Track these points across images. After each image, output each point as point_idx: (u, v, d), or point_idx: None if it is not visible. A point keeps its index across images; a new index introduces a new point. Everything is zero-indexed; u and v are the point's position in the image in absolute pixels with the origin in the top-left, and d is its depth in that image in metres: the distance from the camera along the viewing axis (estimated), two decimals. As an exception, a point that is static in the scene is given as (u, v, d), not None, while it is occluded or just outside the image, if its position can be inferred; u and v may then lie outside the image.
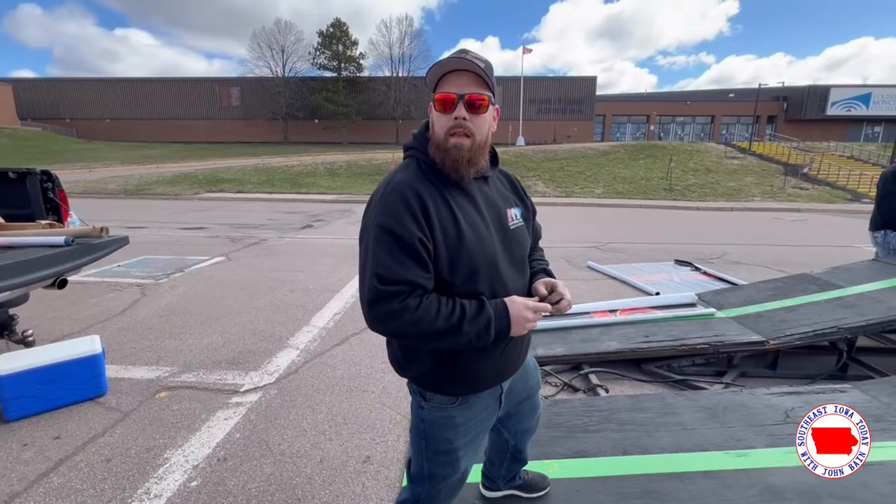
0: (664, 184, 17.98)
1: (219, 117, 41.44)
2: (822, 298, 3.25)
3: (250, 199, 14.48)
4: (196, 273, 5.23)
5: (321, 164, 20.77)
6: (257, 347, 3.18)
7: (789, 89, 38.19)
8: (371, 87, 39.94)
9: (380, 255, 0.94)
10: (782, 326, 2.94)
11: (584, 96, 39.52)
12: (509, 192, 1.18)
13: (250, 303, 4.15)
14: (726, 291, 3.94)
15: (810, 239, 8.83)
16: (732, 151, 24.07)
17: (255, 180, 17.65)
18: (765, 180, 19.04)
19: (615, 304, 3.68)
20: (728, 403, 2.23)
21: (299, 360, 3.00)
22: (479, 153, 1.03)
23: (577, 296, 4.52)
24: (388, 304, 0.92)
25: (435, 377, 1.07)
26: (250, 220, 9.88)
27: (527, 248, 1.16)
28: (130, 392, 2.56)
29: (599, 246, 7.52)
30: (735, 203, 15.40)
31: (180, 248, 6.65)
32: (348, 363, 2.98)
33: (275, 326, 3.58)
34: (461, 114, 0.98)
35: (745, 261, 6.46)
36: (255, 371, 2.83)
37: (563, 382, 2.74)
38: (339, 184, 17.62)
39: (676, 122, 41.68)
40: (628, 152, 23.10)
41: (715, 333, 2.98)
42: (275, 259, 6.02)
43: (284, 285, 4.74)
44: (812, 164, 21.19)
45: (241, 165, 20.73)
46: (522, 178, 18.46)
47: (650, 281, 5.05)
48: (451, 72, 0.99)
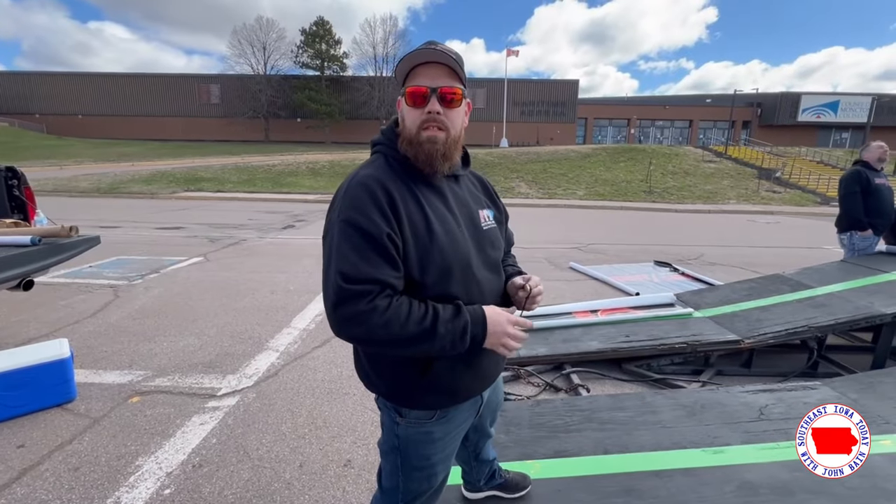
0: (644, 186, 18.33)
1: (198, 115, 40.54)
2: (794, 298, 3.34)
3: (230, 198, 14.22)
4: (172, 274, 5.10)
5: (303, 164, 20.52)
6: (236, 350, 3.11)
7: (763, 96, 39.47)
8: (355, 87, 39.65)
9: (345, 251, 0.88)
10: (756, 326, 3.02)
11: (566, 99, 40.03)
12: (481, 193, 1.15)
13: (229, 304, 4.06)
14: (703, 292, 4.03)
15: (782, 240, 9.11)
16: (709, 155, 24.71)
17: (236, 179, 17.33)
18: (740, 183, 19.60)
19: (596, 304, 3.72)
20: (705, 401, 2.27)
21: (279, 363, 2.95)
22: (454, 148, 1.00)
23: (560, 296, 4.55)
24: (354, 305, 0.85)
25: (410, 391, 1.01)
26: (230, 219, 9.70)
27: (501, 250, 1.12)
28: (101, 397, 2.47)
29: (581, 247, 7.61)
30: (712, 205, 15.80)
31: (156, 248, 6.48)
32: (329, 365, 2.94)
33: (254, 328, 3.51)
34: (434, 108, 0.94)
35: (721, 262, 6.63)
36: (233, 374, 2.77)
37: (545, 383, 2.75)
38: (321, 183, 17.43)
39: (656, 125, 42.59)
40: (609, 155, 23.48)
41: (692, 333, 3.04)
42: (255, 259, 5.92)
43: (264, 286, 4.66)
44: (784, 168, 21.91)
45: (220, 164, 20.31)
46: (506, 179, 18.61)
47: (631, 281, 5.13)
48: (421, 64, 0.96)
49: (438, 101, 0.95)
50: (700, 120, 41.59)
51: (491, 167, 20.20)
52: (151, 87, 40.36)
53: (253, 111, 39.02)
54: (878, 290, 3.18)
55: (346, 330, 0.89)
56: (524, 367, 2.88)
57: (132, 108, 40.33)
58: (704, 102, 42.18)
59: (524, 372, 2.85)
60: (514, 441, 1.97)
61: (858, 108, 37.32)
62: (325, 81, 39.63)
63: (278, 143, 37.23)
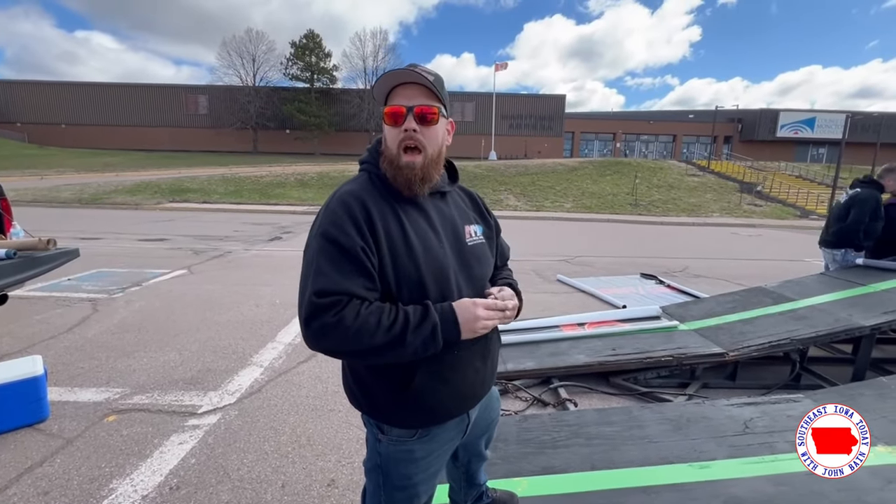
0: (630, 199, 18.63)
1: (185, 125, 40.25)
2: (776, 311, 3.40)
3: (216, 209, 14.08)
4: (154, 287, 5.01)
5: (292, 175, 20.44)
6: (218, 366, 3.05)
7: (743, 112, 40.63)
8: (344, 99, 39.83)
9: (320, 264, 0.90)
10: (740, 338, 3.06)
11: (554, 113, 40.72)
12: (469, 209, 1.16)
13: (212, 318, 4.00)
14: (689, 304, 4.08)
15: (764, 253, 9.30)
16: (693, 169, 25.27)
17: (222, 190, 17.19)
18: (723, 197, 20.04)
19: (584, 317, 3.74)
20: (691, 415, 2.28)
21: (263, 379, 2.89)
22: (433, 168, 1.01)
23: (547, 309, 4.57)
24: (322, 318, 0.87)
25: (390, 407, 1.01)
26: (215, 231, 9.59)
27: (487, 266, 1.12)
28: (75, 416, 2.39)
29: (569, 259, 7.67)
30: (696, 218, 16.11)
31: (138, 260, 6.37)
32: (314, 381, 2.90)
33: (238, 343, 3.46)
34: (411, 126, 0.96)
35: (705, 274, 6.73)
36: (215, 391, 2.71)
37: (532, 397, 2.74)
38: (309, 195, 17.37)
39: (641, 140, 43.49)
40: (596, 168, 23.86)
41: (678, 346, 3.06)
42: (240, 272, 5.85)
43: (249, 300, 4.60)
44: (765, 182, 22.49)
45: (207, 175, 20.13)
46: (494, 192, 18.75)
47: (617, 294, 5.17)
48: (399, 85, 0.98)
49: (415, 120, 0.96)
50: (684, 135, 42.60)
51: (479, 180, 20.36)
52: (138, 96, 40.03)
53: (241, 122, 38.86)
54: (856, 302, 3.26)
55: (318, 343, 0.90)
56: (512, 382, 2.87)
57: (117, 118, 39.88)
58: (688, 118, 43.24)
59: (512, 386, 2.83)
60: (501, 458, 1.94)
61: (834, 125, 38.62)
62: (314, 93, 39.73)
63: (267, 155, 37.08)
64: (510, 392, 2.80)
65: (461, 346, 1.02)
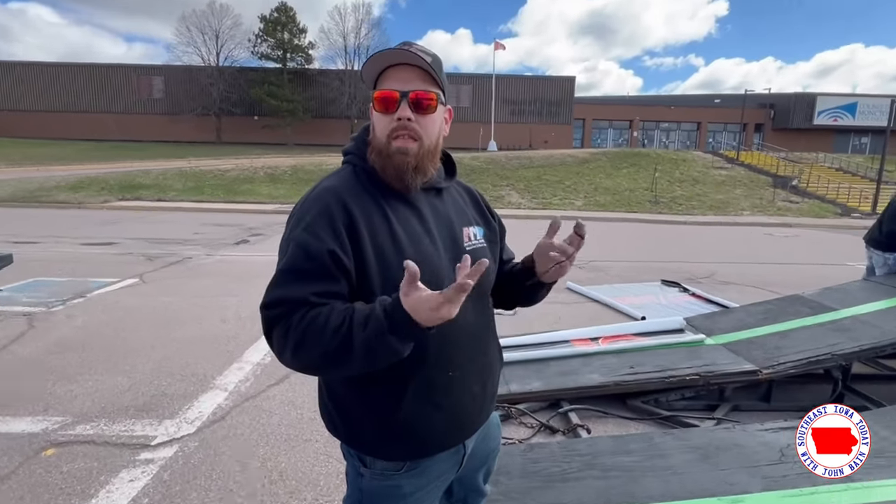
0: (649, 195, 18.78)
1: (137, 111, 40.00)
2: (815, 322, 3.44)
3: (173, 208, 14.02)
4: (101, 299, 4.98)
5: (261, 169, 20.38)
6: (175, 390, 3.04)
7: (776, 96, 41.15)
8: (322, 82, 39.80)
9: (282, 273, 0.92)
10: (775, 354, 3.09)
11: (562, 98, 40.97)
12: (470, 208, 1.16)
13: (168, 335, 3.98)
14: (716, 315, 4.11)
15: (801, 256, 9.40)
16: (720, 161, 25.53)
17: (181, 186, 17.12)
18: (754, 192, 20.25)
19: (597, 330, 3.76)
20: (720, 442, 2.29)
21: (227, 405, 2.88)
22: (428, 159, 1.01)
23: (556, 321, 4.58)
24: (275, 333, 0.89)
25: (375, 437, 1.00)
26: (173, 233, 9.56)
27: (489, 274, 1.12)
28: (6, 451, 2.35)
29: (580, 264, 7.69)
30: (724, 217, 16.26)
31: (82, 268, 6.31)
32: (287, 406, 2.89)
33: (198, 363, 3.44)
34: (405, 114, 0.96)
35: (734, 280, 6.79)
36: (172, 419, 2.69)
37: (539, 423, 2.74)
38: (281, 192, 17.32)
39: (661, 128, 43.86)
40: (610, 160, 24.03)
41: (705, 363, 3.08)
42: (201, 281, 5.84)
43: (212, 313, 4.59)
44: (801, 175, 22.77)
45: (163, 168, 20.02)
46: (494, 187, 18.81)
47: (635, 304, 5.21)
48: (392, 66, 0.98)
49: (410, 107, 0.96)
50: (709, 122, 43.02)
51: (477, 173, 20.43)
52: (82, 78, 39.73)
53: (202, 108, 38.68)
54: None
55: (281, 359, 0.91)
56: (515, 406, 2.87)
57: (59, 103, 39.53)
58: (713, 103, 43.68)
59: (515, 411, 2.84)
60: (502, 493, 1.94)
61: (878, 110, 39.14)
62: (287, 75, 39.65)
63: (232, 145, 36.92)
64: (513, 417, 2.80)
65: (455, 367, 1.01)
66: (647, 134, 43.74)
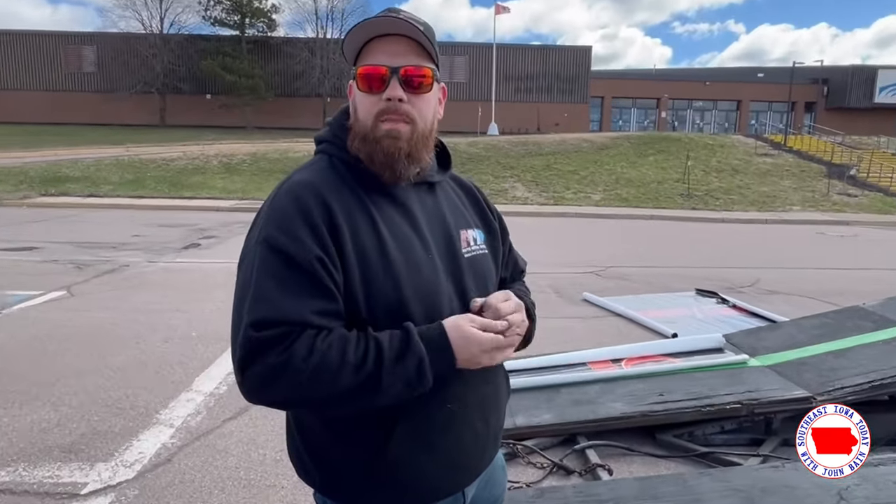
0: (680, 188, 18.91)
1: (64, 88, 39.78)
2: (879, 339, 3.47)
3: (108, 205, 13.97)
4: (19, 316, 4.96)
5: (214, 157, 20.33)
6: (110, 426, 3.02)
7: (829, 69, 41.60)
8: (288, 52, 39.81)
9: (261, 285, 0.89)
10: (831, 377, 3.11)
11: (576, 72, 41.26)
12: (467, 207, 1.17)
13: (102, 360, 3.96)
14: (761, 331, 4.14)
15: (861, 260, 9.50)
16: (764, 146, 25.78)
17: (116, 179, 17.06)
18: (804, 184, 20.46)
19: (619, 350, 3.77)
20: (767, 484, 2.31)
21: (174, 444, 2.87)
22: (422, 145, 1.01)
23: (571, 340, 4.59)
24: (264, 359, 0.85)
25: (356, 483, 0.99)
26: (107, 236, 9.52)
27: (491, 286, 1.12)
28: None
29: (598, 271, 7.73)
30: (769, 213, 16.41)
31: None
32: (247, 445, 2.87)
33: (138, 394, 3.43)
34: (396, 93, 0.96)
35: (782, 289, 6.85)
36: (106, 462, 2.67)
37: (551, 463, 2.74)
38: (239, 185, 17.29)
39: (694, 107, 44.27)
40: (634, 146, 24.20)
41: (748, 388, 3.10)
42: (142, 294, 5.82)
43: (155, 332, 4.57)
44: (860, 164, 23.02)
45: (95, 157, 19.91)
46: (496, 179, 18.88)
47: (665, 318, 5.23)
48: (378, 37, 0.98)
49: (401, 85, 0.96)
50: (751, 100, 43.48)
51: (476, 163, 20.49)
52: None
53: (143, 84, 38.54)
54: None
55: (260, 393, 0.89)
56: (522, 442, 2.87)
57: (-32, 79, 39.24)
58: (756, 78, 44.17)
59: (523, 449, 2.84)
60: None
61: (950, 86, 39.80)
62: (246, 44, 39.65)
63: (179, 128, 36.78)
64: (520, 456, 2.80)
65: (454, 398, 1.01)
66: (677, 115, 44.11)
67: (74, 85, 40.13)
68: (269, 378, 0.86)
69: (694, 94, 43.77)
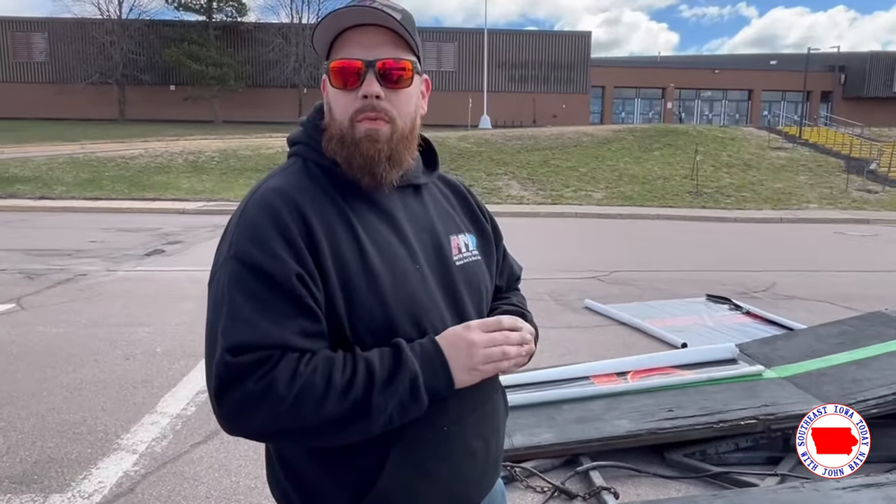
0: (689, 185, 19.07)
1: (12, 79, 39.44)
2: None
3: (62, 208, 13.86)
4: (-37, 332, 4.89)
5: (179, 155, 20.22)
6: (66, 453, 2.99)
7: (847, 56, 42.25)
8: (260, 39, 39.71)
9: (236, 306, 0.88)
10: (853, 389, 3.15)
11: (575, 60, 41.49)
12: (457, 210, 1.17)
13: (56, 379, 3.93)
14: (778, 340, 4.18)
15: (883, 261, 9.60)
16: (777, 139, 26.10)
17: (71, 179, 16.94)
18: (821, 180, 20.71)
19: (625, 362, 3.79)
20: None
21: (138, 472, 2.84)
22: (404, 146, 1.01)
23: (571, 352, 4.61)
24: (242, 386, 0.84)
25: None
26: (61, 242, 9.44)
27: (486, 295, 1.13)
28: None
29: (601, 276, 7.76)
30: (784, 212, 16.58)
31: (-63, 290, 6.20)
32: (219, 472, 2.86)
33: (97, 417, 3.40)
34: (372, 89, 0.95)
35: (800, 294, 6.92)
36: (62, 493, 2.65)
37: (552, 486, 2.75)
38: (207, 185, 17.21)
39: (702, 98, 44.69)
40: (638, 140, 24.38)
41: (764, 403, 3.13)
42: (100, 306, 5.78)
43: (115, 348, 4.54)
44: (881, 157, 23.33)
45: (47, 155, 19.74)
46: (489, 177, 18.93)
47: (673, 327, 5.26)
48: (351, 28, 0.97)
49: (378, 80, 0.96)
50: (763, 90, 43.95)
51: (466, 159, 20.54)
52: (-64, 36, 39.06)
53: (100, 74, 38.26)
54: None
55: (239, 424, 0.88)
56: (521, 465, 2.88)
57: None
58: (769, 65, 44.69)
59: (521, 471, 2.84)
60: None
61: (975, 73, 40.49)
62: (213, 30, 39.49)
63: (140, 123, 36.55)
64: (519, 480, 2.80)
65: (452, 417, 1.00)
66: (684, 105, 44.50)
67: (23, 76, 39.77)
68: (249, 406, 0.85)
69: (702, 84, 44.15)
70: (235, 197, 15.76)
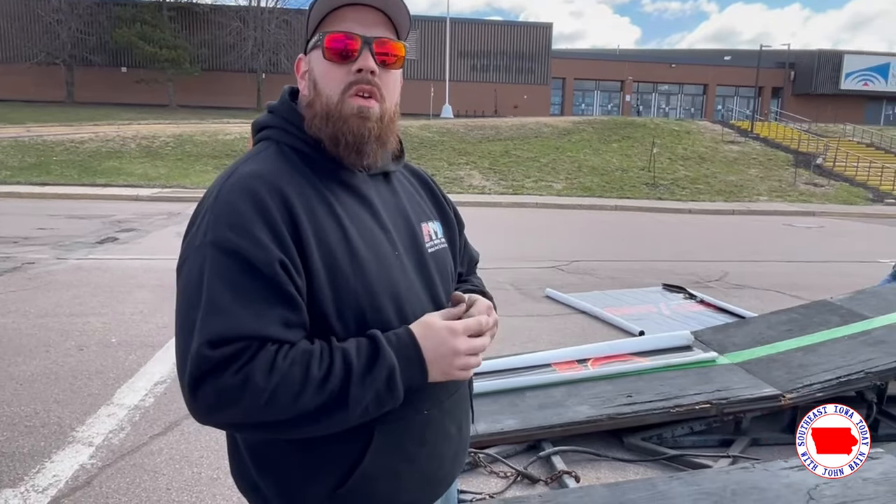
0: (646, 177, 19.48)
1: (-50, 58, 37.50)
2: (846, 334, 3.69)
3: (6, 194, 13.48)
4: None
5: (132, 139, 19.64)
6: (18, 447, 2.92)
7: (797, 54, 43.56)
8: (216, 21, 38.70)
9: (214, 295, 0.85)
10: (800, 373, 3.29)
11: (537, 51, 41.70)
12: (424, 198, 1.18)
13: (6, 371, 3.83)
14: (730, 328, 4.33)
15: (828, 252, 10.04)
16: (731, 133, 26.86)
17: (15, 164, 16.40)
18: (771, 173, 21.44)
19: (585, 350, 3.87)
20: (737, 486, 2.43)
21: (94, 465, 2.79)
22: (390, 129, 1.02)
23: (533, 340, 4.68)
24: (219, 379, 0.82)
25: (324, 503, 0.98)
26: (6, 230, 9.17)
27: (452, 281, 1.15)
28: None
29: (561, 265, 7.89)
30: (736, 204, 17.12)
31: None
32: (180, 463, 2.82)
33: (50, 409, 3.33)
34: (368, 64, 0.95)
35: (751, 283, 7.18)
36: (14, 488, 2.59)
37: (515, 471, 2.80)
38: (162, 171, 16.82)
39: (659, 91, 45.54)
40: (598, 132, 24.74)
41: (717, 388, 3.25)
42: (51, 295, 5.64)
43: (67, 339, 4.45)
44: (826, 152, 24.27)
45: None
46: (451, 166, 18.95)
47: (631, 315, 5.40)
48: (347, 6, 0.97)
49: (374, 59, 0.96)
50: (718, 84, 45.04)
51: (429, 148, 20.50)
52: None
53: (46, 54, 36.72)
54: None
55: (213, 415, 0.86)
56: (484, 451, 2.92)
57: None
58: (723, 61, 45.75)
59: (484, 457, 2.88)
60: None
61: (915, 72, 42.33)
62: (167, 11, 38.28)
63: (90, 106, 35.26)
64: (482, 465, 2.85)
65: (431, 400, 1.01)
66: (642, 98, 45.25)
67: (-37, 54, 37.85)
68: (225, 400, 0.83)
69: (659, 77, 44.98)
70: (192, 184, 15.44)
